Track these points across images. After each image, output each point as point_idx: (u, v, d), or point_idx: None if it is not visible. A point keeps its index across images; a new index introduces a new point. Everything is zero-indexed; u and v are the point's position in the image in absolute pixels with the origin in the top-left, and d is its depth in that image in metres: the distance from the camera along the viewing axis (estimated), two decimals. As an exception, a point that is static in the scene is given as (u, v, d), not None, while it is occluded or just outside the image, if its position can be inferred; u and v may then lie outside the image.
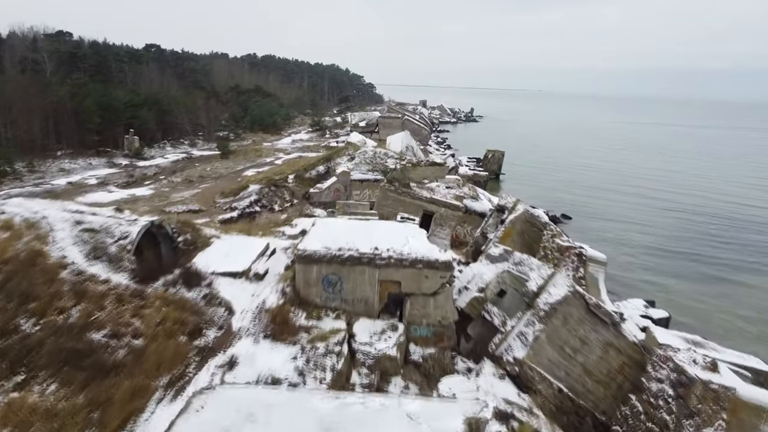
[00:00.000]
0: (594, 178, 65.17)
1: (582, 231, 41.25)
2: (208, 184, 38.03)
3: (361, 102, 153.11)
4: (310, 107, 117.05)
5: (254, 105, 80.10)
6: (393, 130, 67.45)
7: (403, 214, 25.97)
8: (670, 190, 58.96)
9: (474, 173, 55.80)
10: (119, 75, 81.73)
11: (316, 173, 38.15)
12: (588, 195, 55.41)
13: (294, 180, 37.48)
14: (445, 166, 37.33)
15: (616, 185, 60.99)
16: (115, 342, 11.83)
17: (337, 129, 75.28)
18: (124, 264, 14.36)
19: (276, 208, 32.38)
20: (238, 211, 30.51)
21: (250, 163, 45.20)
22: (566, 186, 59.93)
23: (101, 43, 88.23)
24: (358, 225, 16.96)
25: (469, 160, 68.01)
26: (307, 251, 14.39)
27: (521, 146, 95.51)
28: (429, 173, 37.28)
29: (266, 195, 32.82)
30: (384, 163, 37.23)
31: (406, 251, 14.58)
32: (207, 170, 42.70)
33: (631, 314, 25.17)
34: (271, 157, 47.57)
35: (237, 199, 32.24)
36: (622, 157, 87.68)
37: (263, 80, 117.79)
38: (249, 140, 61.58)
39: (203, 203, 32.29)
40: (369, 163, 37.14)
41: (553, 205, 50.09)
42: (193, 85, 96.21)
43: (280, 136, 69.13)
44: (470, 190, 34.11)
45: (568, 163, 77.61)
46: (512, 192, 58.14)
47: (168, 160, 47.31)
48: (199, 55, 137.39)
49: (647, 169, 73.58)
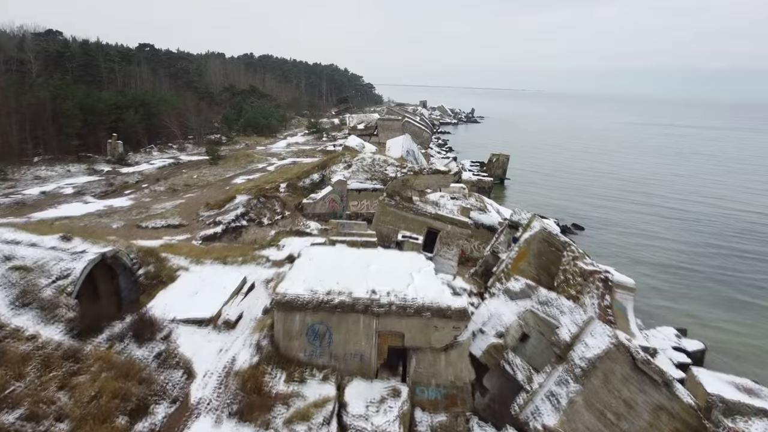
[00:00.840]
0: (604, 184, 62.32)
1: (595, 243, 38.49)
2: (193, 193, 35.23)
3: (360, 103, 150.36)
4: (307, 108, 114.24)
5: (249, 106, 77.26)
6: (393, 133, 64.65)
7: (404, 233, 23.20)
8: (686, 197, 55.90)
9: (478, 179, 53.07)
10: (109, 76, 78.94)
11: (311, 182, 35.36)
12: (599, 203, 52.59)
13: (286, 189, 34.67)
14: (450, 174, 34.57)
15: (628, 192, 58.13)
16: (32, 427, 9.05)
17: (335, 132, 72.47)
18: (60, 312, 11.53)
19: (265, 222, 29.57)
20: (223, 226, 27.71)
21: (240, 170, 42.39)
22: (575, 192, 57.14)
23: (90, 43, 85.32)
24: (352, 256, 14.18)
25: (473, 164, 65.22)
26: (289, 295, 11.59)
27: (525, 149, 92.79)
28: (432, 182, 34.54)
29: (254, 207, 30.00)
30: (383, 171, 34.46)
31: (410, 295, 11.77)
32: (194, 178, 39.89)
33: (662, 345, 22.46)
34: (264, 163, 44.75)
35: (222, 212, 29.43)
36: (631, 160, 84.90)
37: (259, 80, 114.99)
38: (242, 144, 58.75)
39: (185, 216, 29.49)
40: (367, 171, 34.37)
41: (562, 213, 47.35)
42: (186, 85, 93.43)
43: (275, 139, 66.30)
44: (477, 201, 31.37)
45: (576, 167, 74.76)
46: (518, 199, 55.62)
47: (154, 166, 44.48)
48: (195, 55, 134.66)
49: (659, 174, 70.74)
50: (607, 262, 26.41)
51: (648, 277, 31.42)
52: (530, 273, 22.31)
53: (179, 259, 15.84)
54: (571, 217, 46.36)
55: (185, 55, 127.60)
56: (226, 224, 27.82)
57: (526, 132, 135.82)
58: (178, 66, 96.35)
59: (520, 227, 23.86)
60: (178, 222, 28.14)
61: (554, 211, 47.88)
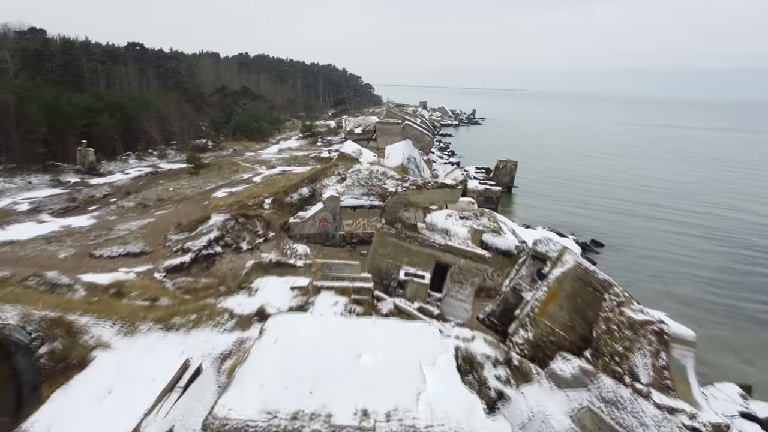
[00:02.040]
0: (616, 193, 58.10)
1: (619, 266, 34.35)
2: (166, 210, 31.01)
3: (358, 104, 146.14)
4: (303, 110, 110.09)
5: (240, 108, 73.03)
6: (392, 138, 60.46)
7: (407, 269, 19.02)
8: (709, 209, 51.16)
9: (485, 188, 48.94)
10: (92, 76, 74.66)
11: (299, 197, 31.15)
12: (614, 214, 48.33)
13: (271, 205, 30.48)
14: (457, 189, 30.34)
15: (643, 201, 53.90)
16: None
17: (331, 136, 68.28)
18: None
19: (244, 247, 25.34)
20: (192, 254, 23.49)
21: (223, 181, 38.20)
22: (587, 202, 52.96)
23: (72, 41, 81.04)
24: (337, 335, 9.95)
25: (478, 170, 61.08)
26: (232, 423, 7.39)
27: (530, 152, 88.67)
28: (437, 197, 30.30)
29: (231, 230, 25.77)
30: (382, 185, 30.27)
31: (422, 421, 7.58)
32: (170, 190, 35.67)
33: (725, 409, 18.28)
34: (249, 172, 40.56)
35: (194, 235, 25.21)
36: (640, 164, 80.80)
37: (254, 81, 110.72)
38: (229, 149, 54.54)
39: (151, 240, 25.28)
40: (364, 185, 30.17)
41: (576, 227, 43.21)
42: (176, 86, 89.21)
43: (267, 144, 62.10)
44: (490, 221, 27.19)
45: (584, 173, 70.54)
46: (529, 211, 51.40)
47: (128, 177, 40.25)
48: (188, 55, 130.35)
49: (673, 181, 66.52)
50: (636, 292, 22.38)
51: (686, 311, 27.26)
52: (562, 319, 18.19)
53: (102, 327, 11.60)
54: (586, 231, 42.23)
55: (177, 55, 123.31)
56: (197, 251, 23.61)
57: (529, 134, 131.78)
58: (167, 66, 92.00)
59: (547, 261, 19.71)
60: (139, 249, 23.91)
61: (567, 224, 43.76)
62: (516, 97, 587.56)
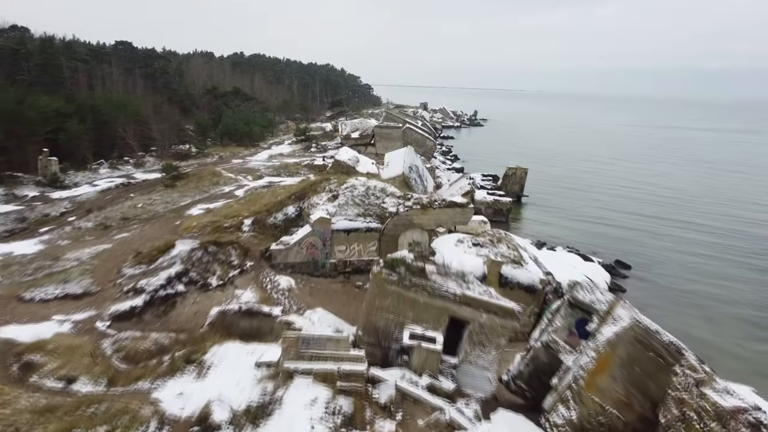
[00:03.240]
0: (636, 205, 53.26)
1: (653, 294, 30.00)
2: (128, 232, 26.59)
3: (357, 105, 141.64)
4: (299, 111, 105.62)
5: (230, 110, 68.60)
6: (392, 143, 56.15)
7: (413, 329, 14.65)
8: (740, 226, 46.26)
9: (494, 199, 44.55)
10: (73, 76, 70.20)
11: (284, 218, 26.75)
12: (637, 230, 43.61)
13: (252, 227, 26.09)
14: (469, 208, 26.01)
15: (668, 215, 49.05)
16: None
17: (326, 140, 63.87)
18: None
19: (213, 283, 20.94)
20: (147, 296, 19.08)
21: (201, 195, 33.81)
22: (604, 216, 48.37)
23: (52, 39, 76.52)
24: None
25: (484, 178, 56.70)
26: None
27: (537, 157, 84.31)
28: (446, 218, 25.98)
29: (199, 262, 21.38)
30: (381, 204, 25.89)
31: None
32: (138, 207, 31.26)
33: None
34: (232, 184, 36.16)
35: (153, 269, 20.82)
36: (656, 171, 76.15)
37: (248, 81, 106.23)
38: (215, 156, 50.13)
39: (100, 275, 20.87)
40: (359, 204, 25.79)
41: (597, 245, 38.83)
42: (164, 87, 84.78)
43: (257, 149, 57.65)
44: (510, 248, 22.83)
45: (597, 181, 65.76)
46: (542, 226, 46.98)
47: (96, 189, 35.84)
48: (180, 55, 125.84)
49: (692, 189, 62.11)
50: (676, 330, 18.25)
51: (736, 346, 22.93)
52: (615, 394, 13.91)
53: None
54: (607, 249, 37.85)
55: (169, 54, 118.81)
56: (153, 292, 19.20)
57: (533, 136, 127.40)
58: (155, 66, 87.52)
59: (593, 314, 15.36)
60: (83, 289, 19.49)
61: (586, 242, 39.37)
62: (516, 97, 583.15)
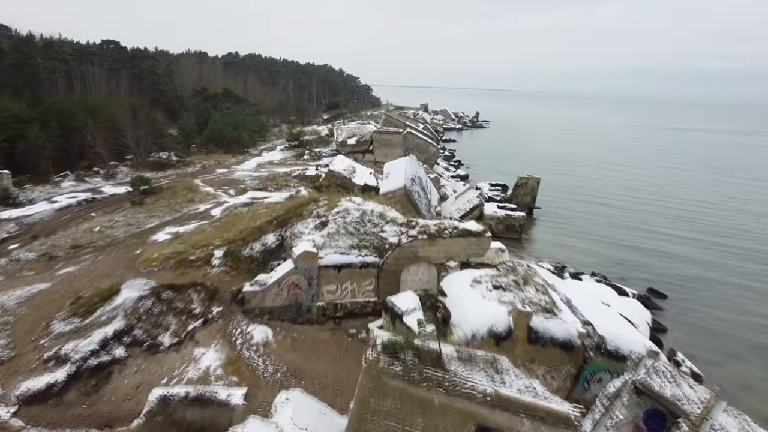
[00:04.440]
0: (660, 217, 48.51)
1: (698, 332, 25.55)
2: (76, 266, 22.05)
3: (355, 106, 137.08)
4: (295, 113, 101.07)
5: (219, 113, 64.09)
6: (392, 150, 51.72)
7: (424, 448, 10.15)
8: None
9: (506, 214, 40.02)
10: (51, 77, 65.72)
11: (262, 248, 22.24)
12: (663, 249, 39.14)
13: (223, 260, 21.60)
14: (486, 237, 21.53)
15: (694, 229, 44.43)
16: None
17: (321, 146, 59.35)
18: None
19: (166, 342, 16.45)
20: (73, 366, 14.58)
21: (171, 215, 29.29)
22: (625, 230, 43.70)
23: (29, 38, 71.95)
24: None
25: (492, 188, 52.21)
26: None
27: (546, 162, 79.84)
28: (458, 250, 21.47)
29: (148, 314, 16.90)
30: (379, 233, 21.39)
31: None
32: (95, 231, 26.74)
33: None
34: (210, 201, 31.64)
35: (86, 326, 16.32)
36: (672, 177, 71.71)
37: (241, 82, 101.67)
38: (197, 165, 45.62)
39: (22, 333, 16.34)
40: (353, 233, 21.29)
41: (623, 268, 34.29)
42: (150, 88, 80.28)
43: (246, 156, 53.16)
44: (539, 291, 18.35)
45: (614, 190, 60.76)
46: (559, 243, 42.25)
47: (54, 207, 31.31)
48: (171, 55, 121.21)
49: (718, 202, 57.48)
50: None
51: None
52: None
53: None
54: (636, 274, 33.35)
55: (161, 54, 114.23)
56: (81, 360, 14.72)
57: (538, 139, 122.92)
58: (142, 66, 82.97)
59: (666, 404, 10.87)
60: (-10, 356, 15.02)
61: (610, 264, 34.84)
62: (516, 97, 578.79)
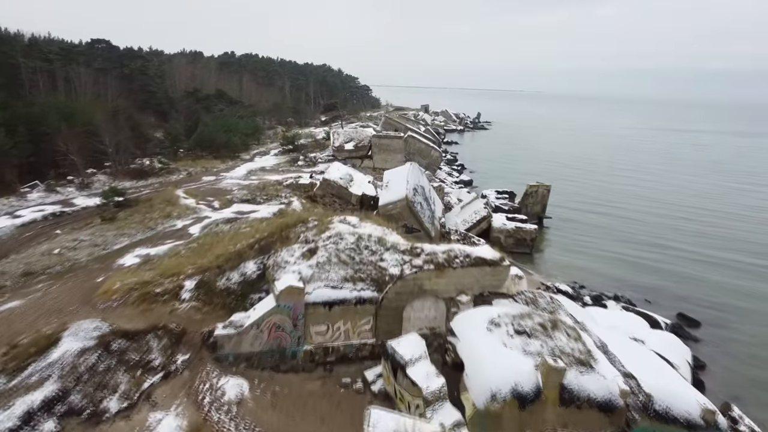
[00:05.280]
0: (681, 230, 44.71)
1: (740, 366, 22.35)
2: (23, 298, 18.71)
3: (354, 107, 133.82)
4: (292, 115, 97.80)
5: (208, 117, 60.84)
6: (392, 156, 48.48)
7: None
8: None
9: (516, 227, 36.81)
10: (33, 77, 62.56)
11: (241, 279, 18.98)
12: (696, 269, 35.21)
13: (194, 293, 18.35)
14: (504, 267, 18.30)
15: (729, 247, 40.23)
16: None
17: (317, 151, 56.10)
18: None
19: (113, 408, 13.19)
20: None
21: (144, 233, 26.05)
22: (645, 245, 39.87)
23: (13, 37, 68.70)
24: None
25: (499, 195, 48.96)
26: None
27: (552, 166, 76.68)
28: (470, 281, 18.21)
29: (91, 372, 13.67)
30: (377, 262, 18.14)
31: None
32: (55, 253, 23.50)
33: None
34: (189, 217, 28.37)
35: (12, 390, 13.08)
36: (690, 185, 68.06)
37: (236, 83, 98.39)
38: (183, 172, 42.40)
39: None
40: (346, 262, 18.05)
41: (647, 288, 31.00)
42: (140, 89, 77.08)
43: (236, 161, 49.92)
44: (571, 338, 15.14)
45: (628, 199, 56.57)
46: (574, 261, 38.34)
47: (16, 222, 28.07)
48: (165, 54, 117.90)
49: (738, 210, 54.34)
50: None
51: None
52: None
53: None
54: (662, 297, 30.11)
55: (155, 54, 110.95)
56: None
57: (541, 141, 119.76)
58: (131, 66, 79.72)
59: None
60: None
61: (633, 286, 31.57)
62: (516, 97, 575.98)
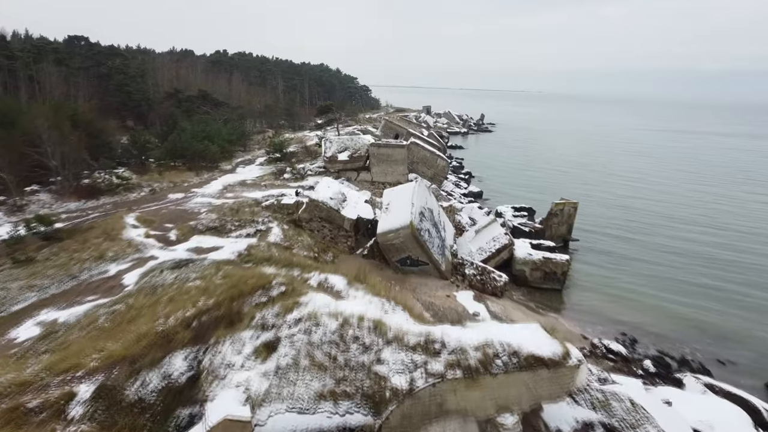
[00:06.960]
0: (736, 262, 38.31)
1: None
2: None
3: (353, 109, 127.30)
4: (285, 118, 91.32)
5: (186, 121, 54.33)
6: (393, 167, 41.83)
7: None
8: None
9: (544, 257, 30.20)
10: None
11: (163, 383, 12.15)
12: (749, 308, 29.37)
13: (90, 407, 11.80)
14: (569, 367, 11.75)
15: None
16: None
17: (308, 160, 49.53)
18: None
19: None
20: None
21: (62, 285, 19.48)
22: (697, 277, 33.43)
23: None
24: None
25: (516, 213, 42.43)
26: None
27: (566, 175, 70.22)
28: (515, 394, 11.61)
29: None
30: (371, 366, 11.57)
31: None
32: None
33: None
34: (128, 258, 21.79)
35: None
36: (728, 199, 61.63)
37: (224, 83, 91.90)
38: (146, 188, 35.88)
39: None
40: (323, 367, 11.43)
41: (718, 343, 24.58)
42: (117, 90, 70.66)
43: (213, 173, 43.40)
44: None
45: (661, 221, 48.97)
46: (617, 299, 31.63)
47: None
48: (153, 52, 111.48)
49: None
50: None
51: None
52: None
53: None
54: (737, 354, 23.71)
55: (141, 52, 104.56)
56: None
57: (549, 144, 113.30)
58: (109, 64, 73.27)
59: None
60: None
61: (696, 336, 25.04)
62: (517, 98, 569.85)
